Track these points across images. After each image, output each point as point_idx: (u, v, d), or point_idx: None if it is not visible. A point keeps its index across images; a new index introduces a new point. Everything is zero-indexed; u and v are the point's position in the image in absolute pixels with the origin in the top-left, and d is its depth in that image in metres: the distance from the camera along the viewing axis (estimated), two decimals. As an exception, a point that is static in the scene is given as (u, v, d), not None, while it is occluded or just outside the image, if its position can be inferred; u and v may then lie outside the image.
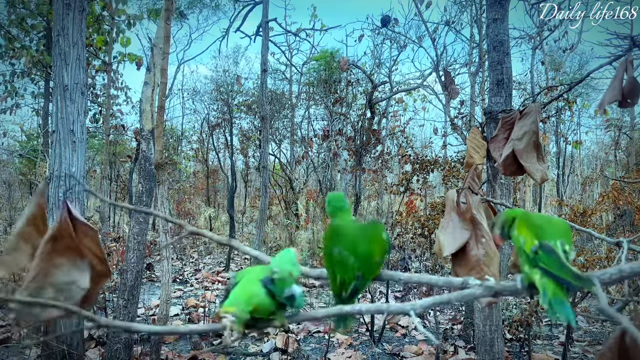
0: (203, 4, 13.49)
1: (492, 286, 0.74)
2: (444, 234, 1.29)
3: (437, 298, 0.73)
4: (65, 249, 0.74)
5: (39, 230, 0.75)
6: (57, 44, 2.96)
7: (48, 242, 0.73)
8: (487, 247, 1.24)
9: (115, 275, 5.23)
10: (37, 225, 0.76)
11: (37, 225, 0.76)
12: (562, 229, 0.79)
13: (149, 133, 3.15)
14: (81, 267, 0.74)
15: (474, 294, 0.74)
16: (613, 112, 13.04)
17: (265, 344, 3.88)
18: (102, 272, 0.78)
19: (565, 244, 0.75)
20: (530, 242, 0.77)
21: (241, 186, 15.00)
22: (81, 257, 0.75)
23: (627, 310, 2.37)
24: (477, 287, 0.75)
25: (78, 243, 0.75)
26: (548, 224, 0.80)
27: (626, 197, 7.39)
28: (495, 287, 0.74)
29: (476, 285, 0.75)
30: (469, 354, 3.70)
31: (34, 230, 0.75)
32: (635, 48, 1.43)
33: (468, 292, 0.75)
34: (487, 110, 2.20)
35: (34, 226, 0.75)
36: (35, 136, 12.99)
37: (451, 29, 8.80)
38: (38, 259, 0.71)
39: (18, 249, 0.73)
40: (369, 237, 0.84)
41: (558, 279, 0.70)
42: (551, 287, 0.70)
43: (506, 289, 0.76)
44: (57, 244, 0.73)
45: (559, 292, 0.69)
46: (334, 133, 9.54)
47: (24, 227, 0.75)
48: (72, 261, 0.74)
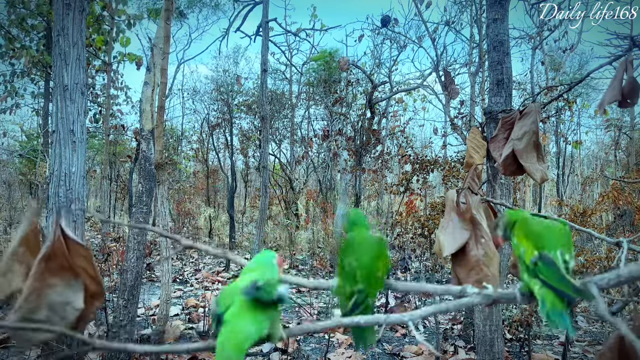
0: (202, 3, 13.49)
1: (490, 294, 0.74)
2: (443, 234, 1.29)
3: (435, 307, 0.73)
4: (58, 269, 0.72)
5: (32, 250, 0.74)
6: (57, 44, 2.96)
7: (41, 261, 0.71)
8: (486, 248, 1.24)
9: (115, 275, 5.23)
10: (31, 246, 0.74)
11: (30, 245, 0.74)
12: (562, 236, 0.78)
13: (149, 133, 3.15)
14: (75, 287, 0.73)
15: (472, 302, 0.74)
16: (613, 112, 13.05)
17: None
18: (96, 293, 0.76)
19: (566, 253, 0.75)
20: (530, 252, 0.76)
21: (241, 186, 15.00)
22: (75, 276, 0.74)
23: (627, 310, 2.38)
24: (475, 295, 0.74)
25: (72, 262, 0.74)
26: (548, 231, 0.79)
27: (626, 197, 7.39)
28: (493, 296, 0.74)
29: (474, 294, 0.75)
30: (469, 354, 3.70)
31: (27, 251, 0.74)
32: (635, 48, 1.43)
33: (466, 301, 0.75)
34: (487, 110, 2.20)
35: (27, 247, 0.74)
36: (35, 136, 12.99)
37: (451, 29, 8.80)
38: (31, 279, 0.70)
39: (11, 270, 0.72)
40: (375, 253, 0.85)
41: (557, 292, 0.69)
42: (550, 298, 0.69)
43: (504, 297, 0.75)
44: (50, 264, 0.72)
45: (557, 303, 0.69)
46: (334, 133, 9.55)
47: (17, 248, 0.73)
48: (66, 281, 0.73)
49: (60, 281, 0.72)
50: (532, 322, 3.44)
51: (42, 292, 0.70)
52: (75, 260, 0.74)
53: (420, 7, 5.68)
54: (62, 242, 0.74)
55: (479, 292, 0.75)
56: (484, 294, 0.74)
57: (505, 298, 0.75)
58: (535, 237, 0.78)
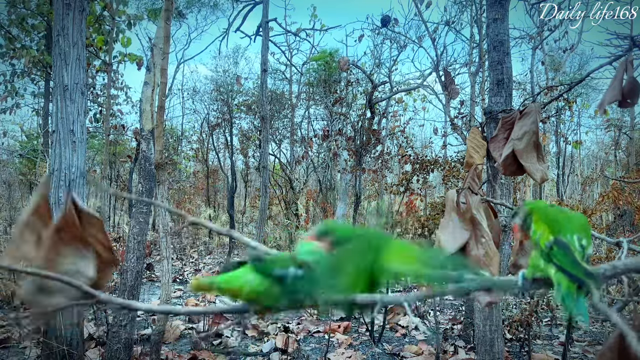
0: (201, 3, 13.49)
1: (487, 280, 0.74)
2: (444, 234, 1.29)
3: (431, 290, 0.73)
4: (70, 239, 0.74)
5: (44, 220, 0.76)
6: (57, 44, 2.96)
7: (53, 231, 0.73)
8: (487, 247, 1.24)
9: (115, 276, 5.22)
10: (42, 215, 0.76)
11: (41, 215, 0.76)
12: (580, 223, 0.79)
13: (149, 133, 3.15)
14: (87, 257, 0.75)
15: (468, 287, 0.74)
16: (613, 112, 13.04)
17: (265, 344, 3.88)
18: (108, 260, 0.78)
19: (583, 239, 0.75)
20: (545, 237, 0.77)
21: (241, 186, 14.99)
22: (87, 246, 0.75)
23: (627, 310, 2.38)
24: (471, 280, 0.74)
25: (83, 232, 0.75)
26: (566, 218, 0.79)
27: (626, 197, 7.39)
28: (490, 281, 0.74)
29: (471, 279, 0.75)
30: (469, 354, 3.70)
31: (38, 220, 0.75)
32: (635, 48, 1.43)
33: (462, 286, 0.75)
34: (487, 110, 2.20)
35: (39, 216, 0.75)
36: (35, 136, 12.99)
37: (451, 29, 8.79)
38: (45, 250, 0.71)
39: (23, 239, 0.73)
40: None
41: (570, 275, 0.70)
42: (565, 282, 0.70)
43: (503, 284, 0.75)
44: (62, 234, 0.73)
45: (572, 287, 0.69)
46: (334, 133, 9.54)
47: (29, 217, 0.75)
48: (78, 250, 0.74)
49: (72, 251, 0.73)
50: (532, 322, 3.44)
51: (55, 261, 0.71)
52: (87, 230, 0.76)
53: (420, 7, 5.67)
54: (74, 213, 0.75)
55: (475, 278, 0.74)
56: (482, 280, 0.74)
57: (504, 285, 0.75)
58: (552, 222, 0.79)
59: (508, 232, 2.26)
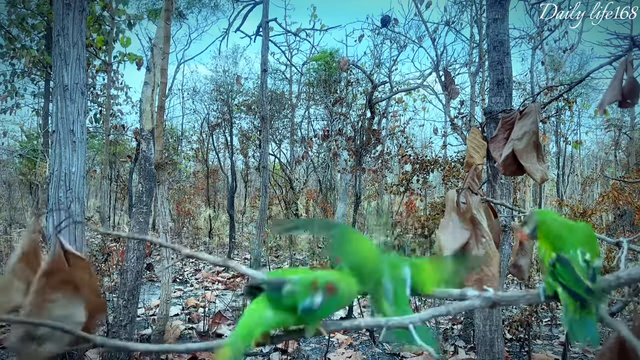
0: (202, 4, 13.50)
1: (490, 297, 0.74)
2: (444, 233, 1.29)
3: (436, 310, 0.73)
4: (59, 284, 0.72)
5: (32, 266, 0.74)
6: (57, 44, 2.96)
7: (42, 277, 0.71)
8: (487, 247, 1.25)
9: (115, 275, 5.23)
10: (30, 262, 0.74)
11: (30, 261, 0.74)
12: (584, 235, 0.77)
13: (149, 133, 3.15)
14: (76, 301, 0.73)
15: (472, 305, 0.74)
16: (613, 112, 13.05)
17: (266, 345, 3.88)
18: (97, 306, 0.77)
19: (587, 253, 0.73)
20: (548, 254, 0.76)
21: (241, 186, 15.00)
22: (76, 290, 0.74)
23: (627, 310, 2.38)
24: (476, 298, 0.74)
25: (72, 276, 0.74)
26: (568, 231, 0.77)
27: (626, 197, 7.38)
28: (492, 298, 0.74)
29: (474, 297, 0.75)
30: (469, 354, 3.70)
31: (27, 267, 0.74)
32: (635, 48, 1.43)
33: (467, 304, 0.75)
34: (487, 110, 2.20)
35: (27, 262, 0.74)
36: (35, 136, 12.99)
37: (451, 29, 8.80)
38: (33, 295, 0.70)
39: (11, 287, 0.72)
40: None
41: (573, 294, 0.69)
42: (571, 303, 0.68)
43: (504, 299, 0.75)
44: (51, 279, 0.72)
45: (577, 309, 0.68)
46: (334, 133, 9.54)
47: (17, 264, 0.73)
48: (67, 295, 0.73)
49: (61, 296, 0.72)
50: (532, 322, 3.44)
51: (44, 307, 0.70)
52: (75, 274, 0.74)
53: (420, 7, 5.67)
54: (62, 257, 0.74)
55: (479, 295, 0.75)
56: (484, 297, 0.74)
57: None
58: (554, 238, 0.77)
59: (508, 232, 2.26)
